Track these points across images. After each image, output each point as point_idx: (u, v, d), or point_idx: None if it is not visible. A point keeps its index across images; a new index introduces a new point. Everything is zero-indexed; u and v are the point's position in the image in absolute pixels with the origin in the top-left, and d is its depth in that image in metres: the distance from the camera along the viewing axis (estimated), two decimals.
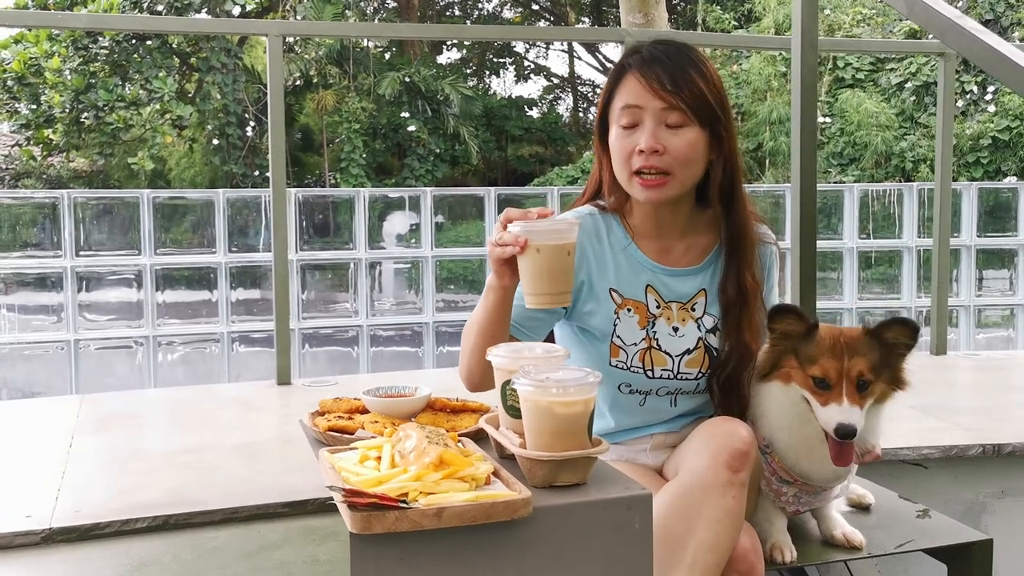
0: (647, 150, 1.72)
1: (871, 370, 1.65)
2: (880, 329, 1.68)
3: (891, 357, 1.68)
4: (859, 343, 1.67)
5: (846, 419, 1.63)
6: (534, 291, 1.52)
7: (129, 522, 2.13)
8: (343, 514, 1.18)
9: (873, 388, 1.66)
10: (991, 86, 12.05)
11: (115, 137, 13.35)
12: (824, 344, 1.68)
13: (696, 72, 1.73)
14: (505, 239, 1.52)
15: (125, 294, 5.14)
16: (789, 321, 1.71)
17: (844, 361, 1.65)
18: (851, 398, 1.64)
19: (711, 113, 1.73)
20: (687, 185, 1.77)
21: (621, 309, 1.82)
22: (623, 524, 1.30)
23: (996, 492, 2.74)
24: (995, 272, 6.42)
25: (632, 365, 1.81)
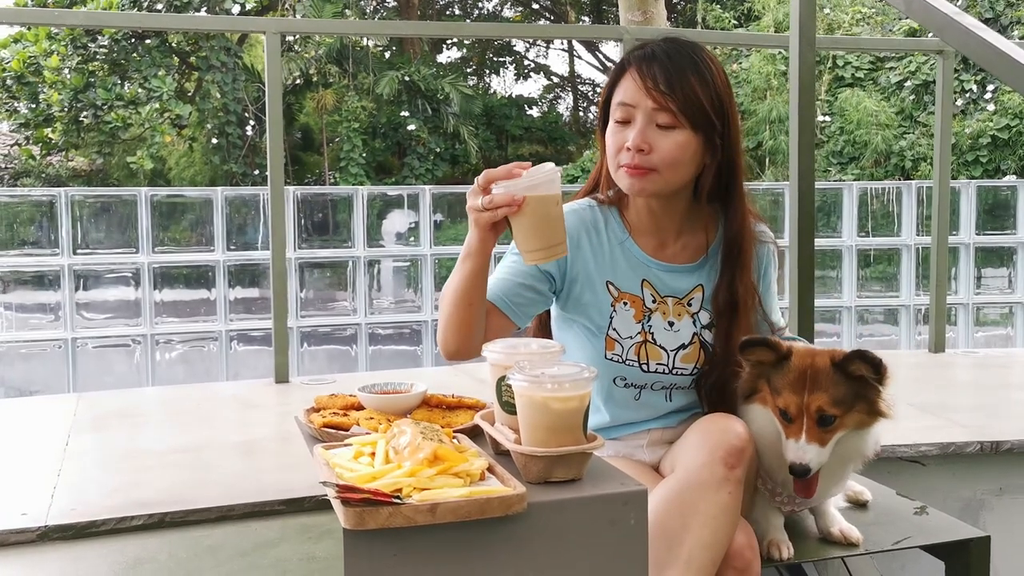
0: (632, 148, 1.71)
1: (833, 404, 1.62)
2: (844, 363, 1.64)
3: (863, 388, 1.65)
4: (824, 376, 1.64)
5: (799, 458, 1.62)
6: (533, 247, 1.49)
7: (125, 520, 2.13)
8: (336, 510, 1.18)
9: (841, 422, 1.64)
10: (990, 84, 12.05)
11: (114, 136, 13.36)
12: (791, 376, 1.65)
13: (695, 75, 1.72)
14: (497, 201, 1.48)
15: (123, 292, 5.13)
16: (760, 352, 1.70)
17: (804, 396, 1.63)
18: (809, 434, 1.63)
19: (705, 118, 1.72)
20: (672, 185, 1.76)
21: (617, 302, 1.82)
22: (618, 520, 1.29)
23: (994, 489, 2.73)
24: (994, 270, 6.42)
25: (627, 358, 1.81)
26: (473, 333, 1.69)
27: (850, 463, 1.75)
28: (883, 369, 1.63)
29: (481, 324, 1.70)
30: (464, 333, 1.68)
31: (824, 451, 1.63)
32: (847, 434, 1.66)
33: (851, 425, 1.65)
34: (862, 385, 1.64)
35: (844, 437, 1.66)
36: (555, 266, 1.80)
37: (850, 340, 5.97)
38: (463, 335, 1.68)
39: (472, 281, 1.63)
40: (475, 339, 1.69)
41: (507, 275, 1.79)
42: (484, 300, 1.69)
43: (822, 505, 1.85)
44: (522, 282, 1.78)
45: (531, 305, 1.81)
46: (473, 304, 1.66)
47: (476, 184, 1.53)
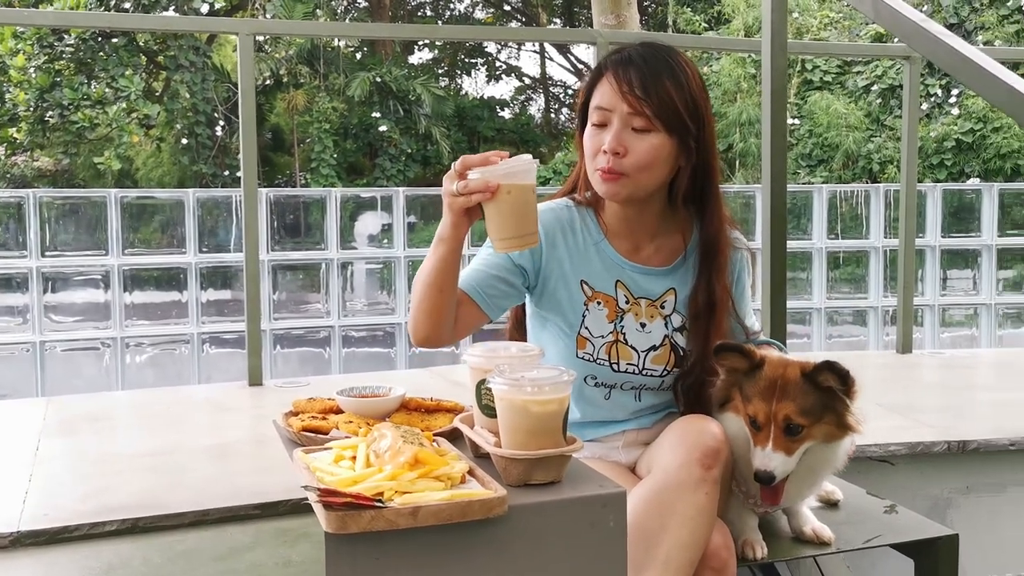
0: (609, 151, 1.73)
1: (801, 414, 1.64)
2: (812, 373, 1.66)
3: (833, 400, 1.66)
4: (793, 385, 1.65)
5: (764, 465, 1.64)
6: (505, 235, 1.50)
7: (98, 525, 2.11)
8: (318, 514, 1.18)
9: (809, 432, 1.65)
10: (955, 89, 12.23)
11: (80, 136, 13.19)
12: (761, 384, 1.67)
13: (671, 79, 1.74)
14: (472, 186, 1.49)
15: (92, 295, 5.07)
16: (734, 359, 1.71)
17: (773, 404, 1.65)
18: (776, 443, 1.64)
19: (679, 122, 1.74)
20: (646, 188, 1.78)
21: (591, 302, 1.83)
22: (598, 522, 1.31)
23: (961, 488, 2.78)
24: (959, 272, 6.52)
25: (598, 357, 1.83)
26: (444, 320, 1.69)
27: (820, 473, 1.77)
28: (850, 381, 1.65)
29: (452, 311, 1.70)
30: (435, 319, 1.69)
31: (790, 460, 1.65)
32: (815, 445, 1.68)
33: (819, 436, 1.67)
34: (831, 397, 1.66)
35: (812, 448, 1.68)
36: (529, 261, 1.82)
37: (820, 341, 6.04)
38: (433, 321, 1.69)
39: (444, 266, 1.64)
40: (445, 326, 1.70)
41: (481, 266, 1.80)
42: (455, 287, 1.70)
43: (794, 506, 1.87)
44: (496, 274, 1.79)
45: (504, 298, 1.82)
46: (444, 290, 1.66)
47: (452, 169, 1.54)
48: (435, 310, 1.68)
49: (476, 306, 1.77)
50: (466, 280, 1.77)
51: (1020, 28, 12.24)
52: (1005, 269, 6.49)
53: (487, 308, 1.78)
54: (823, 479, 1.82)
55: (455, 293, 1.70)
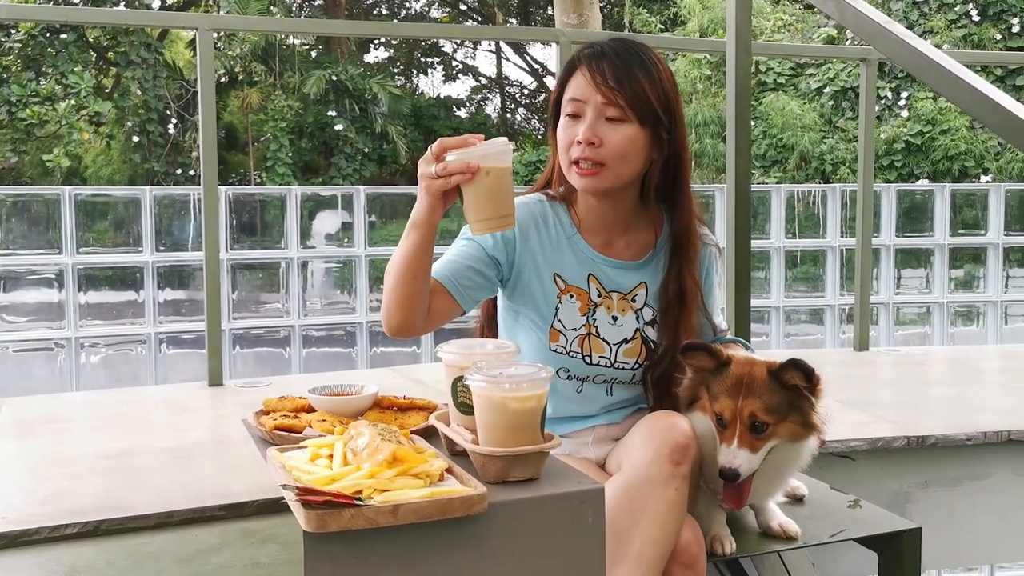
0: (584, 141, 1.75)
1: (766, 411, 1.65)
2: (779, 371, 1.67)
3: (798, 399, 1.67)
4: (759, 383, 1.67)
5: (728, 463, 1.65)
6: (484, 216, 1.51)
7: (59, 528, 2.06)
8: (296, 513, 1.16)
9: (774, 430, 1.66)
10: (904, 92, 12.47)
11: (28, 133, 12.91)
12: (728, 382, 1.68)
13: (643, 72, 1.77)
14: (452, 168, 1.49)
15: (45, 294, 4.96)
16: (701, 358, 1.73)
17: (739, 401, 1.66)
18: (741, 440, 1.65)
19: (652, 113, 1.77)
20: (622, 179, 1.80)
21: (564, 295, 1.85)
22: (576, 518, 1.31)
23: (920, 482, 2.83)
24: (912, 271, 6.65)
25: (571, 350, 1.84)
26: (417, 309, 1.68)
27: (785, 472, 1.79)
28: (816, 378, 1.67)
29: (425, 300, 1.70)
30: (408, 308, 1.68)
31: (755, 458, 1.66)
32: (780, 444, 1.69)
33: (784, 435, 1.68)
34: (796, 396, 1.67)
35: (777, 447, 1.70)
36: (503, 253, 1.82)
37: (778, 340, 6.12)
38: (407, 310, 1.68)
39: (418, 252, 1.63)
40: (418, 315, 1.69)
41: (455, 257, 1.80)
42: (429, 274, 1.69)
43: (761, 502, 1.89)
44: (470, 264, 1.79)
45: (477, 289, 1.82)
46: (418, 277, 1.65)
47: (429, 152, 1.54)
48: (408, 298, 1.67)
49: (450, 296, 1.77)
50: (440, 270, 1.77)
51: (967, 33, 12.51)
52: (956, 268, 6.64)
53: (461, 299, 1.78)
54: (788, 477, 1.84)
55: (428, 280, 1.69)
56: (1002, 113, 1.76)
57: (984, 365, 4.37)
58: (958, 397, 3.53)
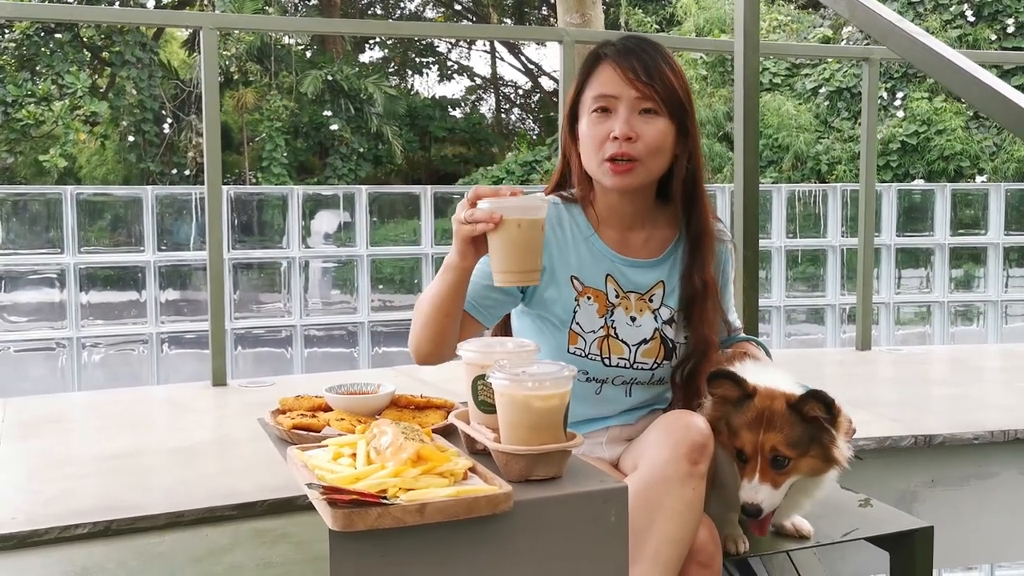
0: (621, 136, 1.75)
1: (788, 446, 1.64)
2: (799, 403, 1.66)
3: (819, 432, 1.66)
4: (780, 417, 1.65)
5: (751, 498, 1.64)
6: (506, 268, 1.50)
7: (69, 528, 2.05)
8: (323, 512, 1.15)
9: (796, 465, 1.65)
10: (900, 92, 12.50)
11: (24, 134, 12.88)
12: (749, 415, 1.67)
13: (667, 67, 1.79)
14: (478, 216, 1.50)
15: (47, 294, 4.94)
16: (726, 387, 1.71)
17: (760, 435, 1.65)
18: (763, 475, 1.65)
19: (680, 106, 1.79)
20: (654, 174, 1.81)
21: (581, 297, 1.84)
22: (599, 517, 1.30)
23: (927, 481, 2.83)
24: (912, 271, 6.66)
25: (590, 352, 1.84)
26: (448, 340, 1.71)
27: (803, 504, 1.78)
28: (836, 409, 1.66)
29: (456, 332, 1.72)
30: (439, 341, 1.71)
31: (777, 493, 1.66)
32: (801, 480, 1.69)
33: (805, 470, 1.67)
34: (817, 428, 1.66)
35: (798, 482, 1.69)
36: None
37: (779, 339, 6.13)
38: (438, 342, 1.71)
39: (451, 293, 1.65)
40: (449, 346, 1.71)
41: (475, 278, 1.79)
42: (461, 310, 1.71)
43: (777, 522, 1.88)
44: (488, 284, 1.78)
45: (498, 306, 1.83)
46: (450, 314, 1.68)
47: (465, 197, 1.56)
48: (440, 333, 1.70)
49: (471, 318, 1.78)
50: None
51: (963, 33, 12.55)
52: (955, 268, 6.65)
53: (482, 319, 1.80)
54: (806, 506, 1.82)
55: (459, 316, 1.71)
56: (1014, 110, 1.76)
57: (985, 364, 4.38)
58: (961, 396, 3.54)
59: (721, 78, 13.10)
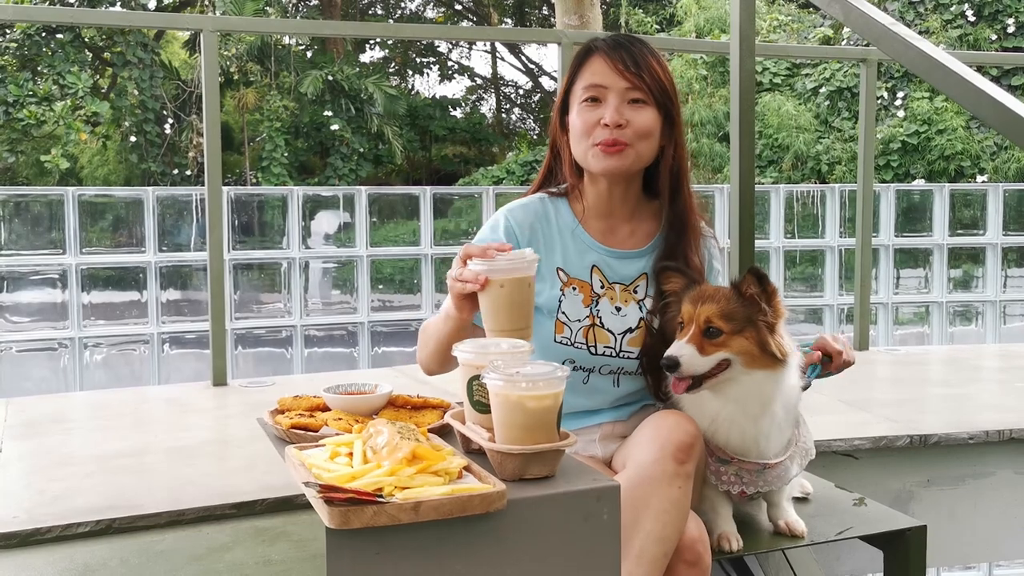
0: (611, 123, 1.82)
1: (721, 318, 1.68)
2: (738, 284, 1.72)
3: (754, 313, 1.69)
4: (719, 294, 1.71)
5: (673, 351, 1.68)
6: (494, 327, 1.54)
7: (71, 526, 2.07)
8: (319, 510, 1.18)
9: (728, 340, 1.68)
10: (900, 92, 12.51)
11: (26, 134, 12.91)
12: (692, 293, 1.74)
13: (655, 60, 1.87)
14: (465, 276, 1.54)
15: (49, 295, 4.97)
16: (673, 279, 1.81)
17: (697, 307, 1.70)
18: (692, 338, 1.69)
19: (667, 97, 1.86)
20: (643, 159, 1.87)
21: (567, 287, 1.89)
22: (592, 515, 1.32)
23: (922, 481, 2.85)
24: (911, 271, 6.67)
25: (576, 341, 1.87)
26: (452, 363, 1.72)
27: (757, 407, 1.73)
28: (770, 287, 1.70)
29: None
30: (444, 364, 1.80)
31: (701, 359, 1.68)
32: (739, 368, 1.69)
33: (736, 349, 1.68)
34: (755, 310, 1.69)
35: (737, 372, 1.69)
36: None
37: None
38: (443, 365, 1.81)
39: (454, 336, 1.69)
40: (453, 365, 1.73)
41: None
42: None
43: (775, 495, 1.89)
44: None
45: None
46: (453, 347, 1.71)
47: (458, 255, 1.60)
48: (445, 359, 1.76)
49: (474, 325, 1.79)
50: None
51: (963, 33, 12.56)
52: (954, 268, 6.67)
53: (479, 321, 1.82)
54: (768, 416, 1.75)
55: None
56: (1006, 113, 1.78)
57: (983, 364, 4.40)
58: (958, 396, 3.55)
59: (721, 78, 13.12)
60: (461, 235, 5.81)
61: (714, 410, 1.75)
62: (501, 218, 1.94)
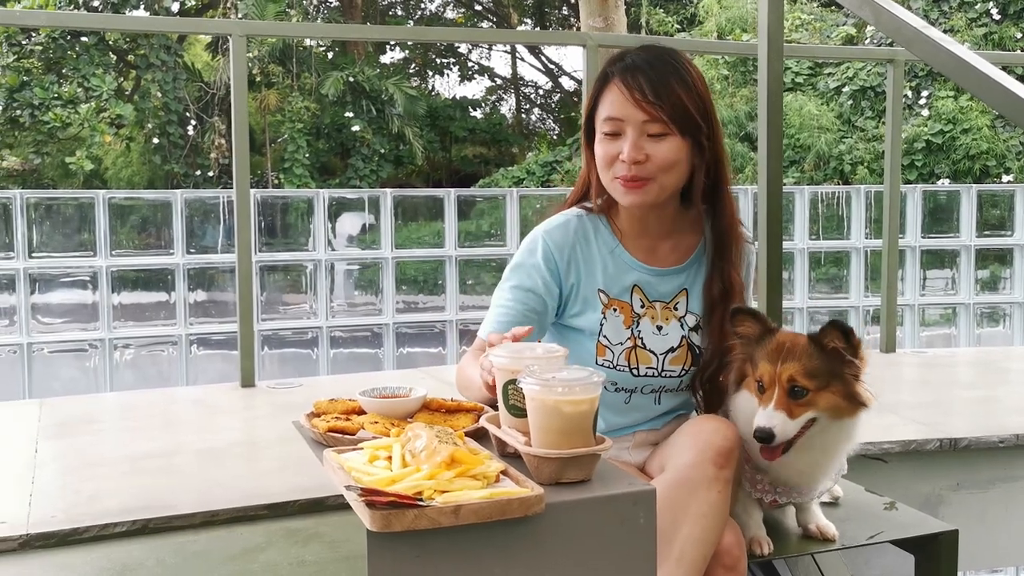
0: (629, 160, 1.75)
1: (805, 375, 1.63)
2: (818, 336, 1.65)
3: (839, 366, 1.65)
4: (799, 349, 1.65)
5: (764, 422, 1.64)
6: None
7: (108, 526, 2.10)
8: (360, 513, 1.19)
9: (814, 398, 1.64)
10: (924, 91, 12.41)
11: (51, 136, 13.05)
12: (769, 348, 1.68)
13: (678, 82, 1.76)
14: (484, 364, 1.52)
15: (79, 296, 5.02)
16: (747, 324, 1.73)
17: (778, 366, 1.65)
18: (779, 403, 1.64)
19: (692, 123, 1.77)
20: (669, 190, 1.81)
21: (608, 309, 1.86)
22: (629, 519, 1.33)
23: (952, 485, 2.84)
24: (938, 272, 6.62)
25: (618, 364, 1.85)
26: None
27: (833, 455, 1.76)
28: (855, 339, 1.65)
29: None
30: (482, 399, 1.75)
31: (791, 423, 1.64)
32: (824, 422, 1.67)
33: (825, 406, 1.65)
34: (838, 363, 1.65)
35: (822, 426, 1.68)
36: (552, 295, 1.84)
37: None
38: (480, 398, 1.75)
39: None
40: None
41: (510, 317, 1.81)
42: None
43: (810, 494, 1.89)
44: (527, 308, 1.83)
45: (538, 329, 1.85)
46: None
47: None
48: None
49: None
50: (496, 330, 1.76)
51: (988, 31, 12.45)
52: (981, 269, 6.61)
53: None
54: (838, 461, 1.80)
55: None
56: None
57: (1012, 366, 4.36)
58: (987, 399, 3.53)
59: (743, 78, 13.06)
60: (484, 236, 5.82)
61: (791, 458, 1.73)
62: (539, 242, 1.87)
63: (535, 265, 1.85)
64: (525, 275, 1.85)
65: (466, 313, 5.51)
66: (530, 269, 1.85)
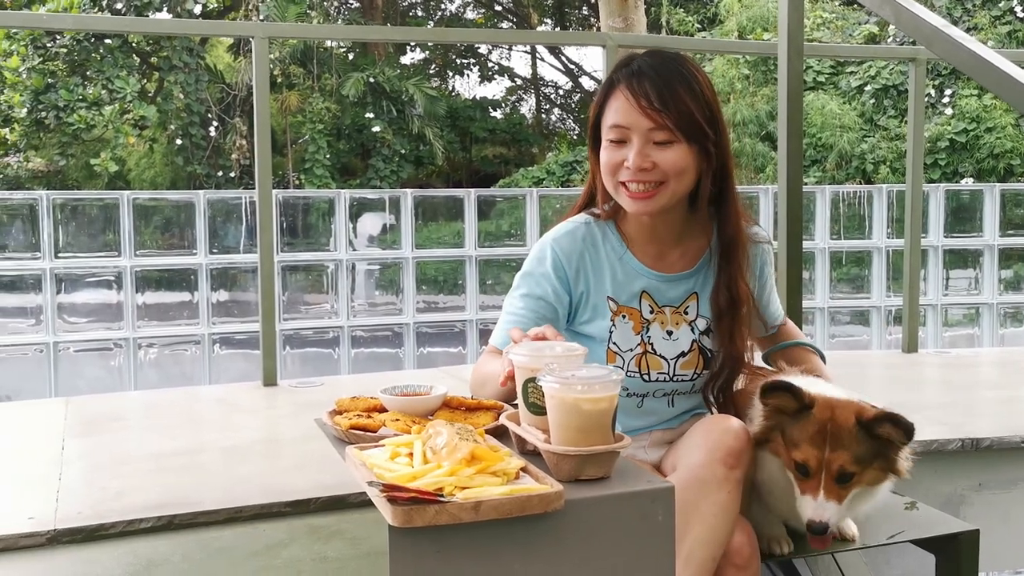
0: (634, 168, 1.74)
1: (854, 462, 1.61)
2: (872, 423, 1.62)
3: (885, 448, 1.64)
4: (846, 434, 1.62)
5: (818, 516, 1.62)
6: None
7: (134, 522, 2.13)
8: (382, 509, 1.21)
9: (858, 479, 1.63)
10: (948, 89, 12.32)
11: (76, 137, 13.19)
12: (810, 429, 1.64)
13: (685, 88, 1.74)
14: (503, 361, 1.54)
15: (104, 296, 5.09)
16: (782, 398, 1.67)
17: (826, 452, 1.62)
18: (828, 491, 1.62)
19: (699, 130, 1.75)
20: (677, 196, 1.79)
21: (616, 316, 1.86)
22: (648, 516, 1.34)
23: (974, 485, 2.82)
24: (961, 272, 6.58)
25: (629, 370, 1.85)
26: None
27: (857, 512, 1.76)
28: (913, 434, 1.62)
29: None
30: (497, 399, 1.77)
31: (842, 509, 1.64)
32: (867, 492, 1.68)
33: (867, 481, 1.65)
34: (884, 444, 1.64)
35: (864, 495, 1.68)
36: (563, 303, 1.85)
37: (823, 341, 6.09)
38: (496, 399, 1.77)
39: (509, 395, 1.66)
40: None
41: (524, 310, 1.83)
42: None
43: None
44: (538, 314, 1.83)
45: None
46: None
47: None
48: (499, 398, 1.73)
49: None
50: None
51: (1012, 29, 12.34)
52: (1004, 269, 6.56)
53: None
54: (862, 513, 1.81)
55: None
56: None
57: None
58: (1010, 399, 3.51)
59: (763, 77, 13.01)
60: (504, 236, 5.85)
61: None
62: (548, 250, 1.87)
63: (544, 274, 1.85)
64: (535, 283, 1.86)
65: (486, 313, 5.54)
66: (539, 278, 1.85)
